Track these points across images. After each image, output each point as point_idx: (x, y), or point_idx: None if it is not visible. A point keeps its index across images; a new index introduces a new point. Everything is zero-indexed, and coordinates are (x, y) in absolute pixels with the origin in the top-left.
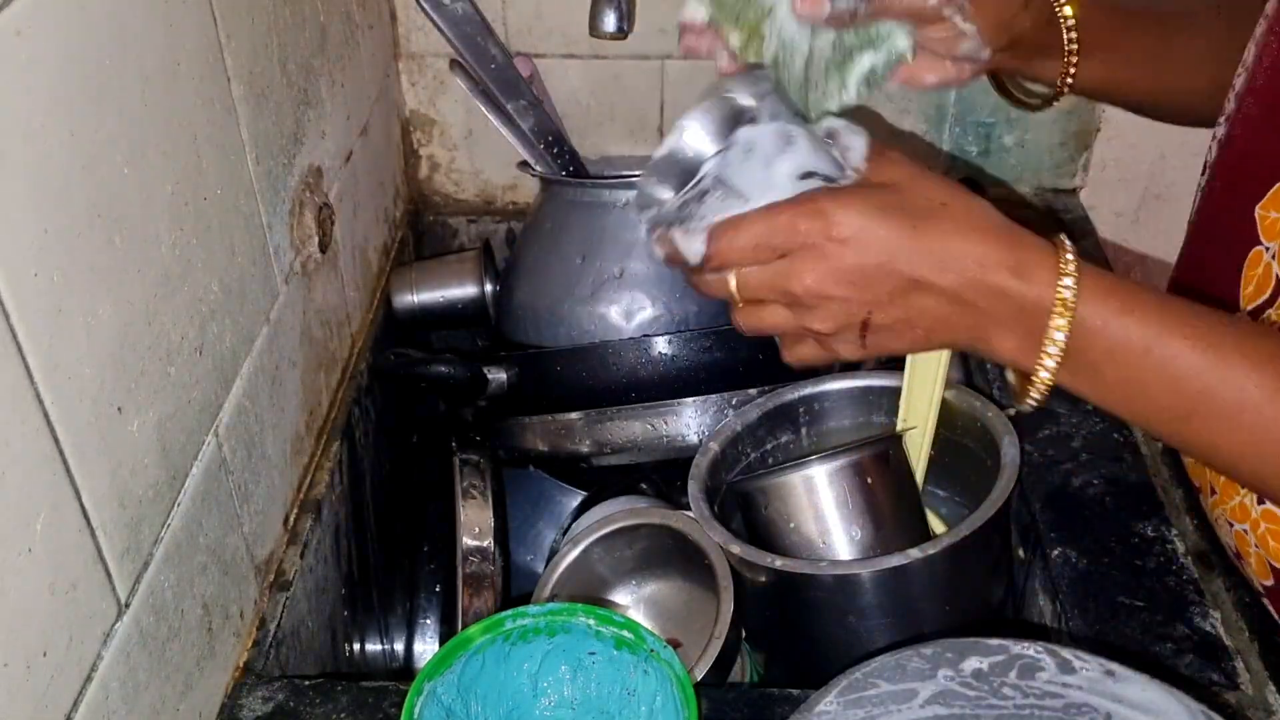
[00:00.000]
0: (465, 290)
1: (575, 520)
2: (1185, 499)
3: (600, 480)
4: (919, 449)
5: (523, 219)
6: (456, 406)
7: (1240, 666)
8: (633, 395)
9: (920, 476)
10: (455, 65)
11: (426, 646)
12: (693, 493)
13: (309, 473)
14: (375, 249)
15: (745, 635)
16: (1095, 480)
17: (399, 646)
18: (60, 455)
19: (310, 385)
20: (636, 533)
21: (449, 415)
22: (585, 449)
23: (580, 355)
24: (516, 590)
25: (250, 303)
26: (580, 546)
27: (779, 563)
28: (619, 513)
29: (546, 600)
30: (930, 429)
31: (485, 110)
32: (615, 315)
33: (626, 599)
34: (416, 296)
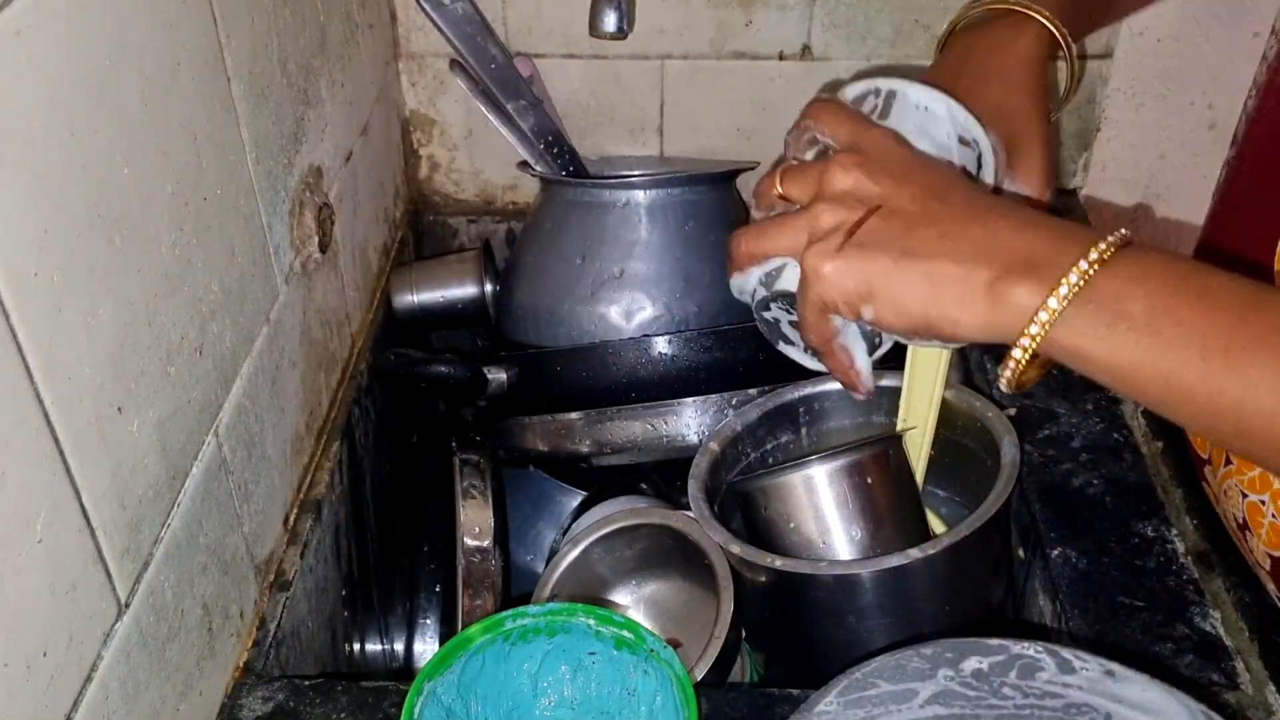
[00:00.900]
0: (465, 290)
1: (575, 520)
2: (1185, 499)
3: (600, 480)
4: (919, 449)
5: (523, 219)
6: (456, 406)
7: (1240, 666)
8: (633, 395)
9: (920, 476)
10: (455, 65)
11: (426, 646)
12: (693, 493)
13: (309, 473)
14: (375, 249)
15: (745, 635)
16: (1095, 480)
17: (399, 646)
18: (60, 455)
19: (310, 385)
20: (636, 533)
21: (449, 415)
22: (585, 449)
23: (580, 355)
24: (516, 590)
25: (250, 303)
26: (580, 546)
27: (779, 563)
28: (619, 513)
29: (546, 600)
30: (930, 429)
31: (485, 110)
32: (615, 315)
33: (626, 599)
34: (416, 296)
